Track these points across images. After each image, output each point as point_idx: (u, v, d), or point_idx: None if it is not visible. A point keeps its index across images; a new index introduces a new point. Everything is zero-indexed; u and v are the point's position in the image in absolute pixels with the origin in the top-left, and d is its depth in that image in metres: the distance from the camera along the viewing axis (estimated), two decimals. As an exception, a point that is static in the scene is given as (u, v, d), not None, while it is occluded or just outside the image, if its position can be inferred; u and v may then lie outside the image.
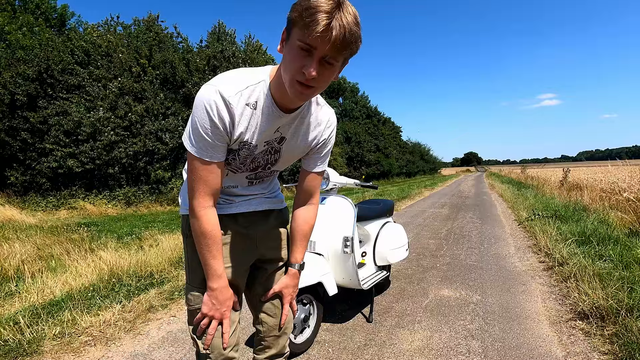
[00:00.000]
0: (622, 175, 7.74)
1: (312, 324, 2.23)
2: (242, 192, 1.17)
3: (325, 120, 1.13)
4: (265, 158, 1.10)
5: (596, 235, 4.18)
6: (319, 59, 0.85)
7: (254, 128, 1.00)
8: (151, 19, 14.38)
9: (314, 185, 1.23)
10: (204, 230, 1.02)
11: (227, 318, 1.09)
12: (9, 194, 10.65)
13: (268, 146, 1.07)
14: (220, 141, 0.97)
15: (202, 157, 0.97)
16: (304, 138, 1.11)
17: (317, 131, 1.12)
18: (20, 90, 10.53)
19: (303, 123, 1.09)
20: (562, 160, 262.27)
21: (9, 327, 2.36)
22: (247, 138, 1.01)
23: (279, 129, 1.05)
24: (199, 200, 1.01)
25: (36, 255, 4.40)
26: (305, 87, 0.89)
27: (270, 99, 0.99)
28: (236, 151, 1.04)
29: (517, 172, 25.68)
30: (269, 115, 1.00)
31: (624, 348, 1.99)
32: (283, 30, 0.92)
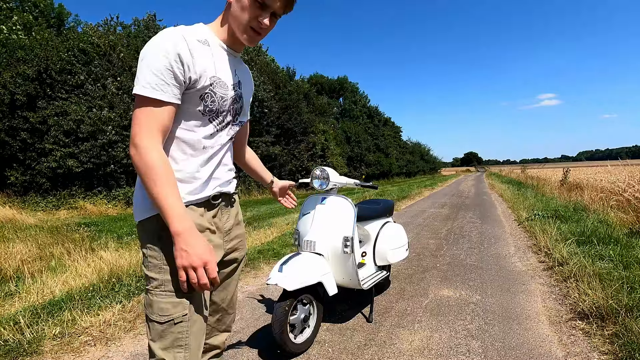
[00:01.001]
0: (622, 175, 7.74)
1: (312, 324, 2.23)
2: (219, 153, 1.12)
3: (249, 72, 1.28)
4: (234, 106, 1.15)
5: (596, 235, 4.18)
6: (270, 12, 1.04)
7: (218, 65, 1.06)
8: (150, 18, 14.38)
9: (247, 131, 1.43)
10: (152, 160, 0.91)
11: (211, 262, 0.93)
12: (9, 194, 10.65)
13: (234, 92, 1.13)
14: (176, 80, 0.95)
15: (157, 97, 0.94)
16: (249, 85, 1.25)
17: (251, 80, 1.28)
18: (20, 90, 10.52)
19: (246, 71, 1.24)
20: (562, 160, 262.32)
21: (9, 327, 2.36)
22: (215, 73, 1.04)
23: (236, 72, 1.15)
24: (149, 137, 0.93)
25: (36, 256, 4.40)
26: (256, 33, 1.07)
27: (216, 39, 1.10)
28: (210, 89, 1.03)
29: (517, 172, 25.68)
30: (222, 54, 1.10)
31: (624, 348, 1.99)
32: None
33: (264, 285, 3.38)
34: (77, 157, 10.69)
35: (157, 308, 0.97)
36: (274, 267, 2.08)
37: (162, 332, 0.96)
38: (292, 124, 17.44)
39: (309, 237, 2.34)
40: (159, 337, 0.97)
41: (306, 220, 2.42)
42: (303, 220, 2.45)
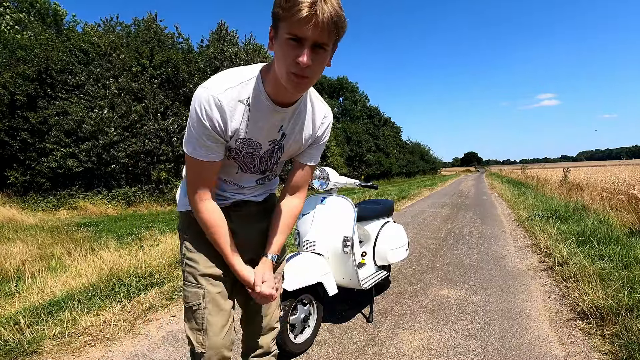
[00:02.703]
0: (622, 175, 7.74)
1: (312, 324, 2.23)
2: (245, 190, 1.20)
3: (322, 115, 1.15)
4: (271, 158, 1.14)
5: (596, 235, 4.18)
6: (310, 47, 0.86)
7: (252, 125, 1.02)
8: (150, 18, 14.38)
9: (306, 178, 1.25)
10: (207, 221, 1.07)
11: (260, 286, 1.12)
12: (9, 194, 10.65)
13: (272, 146, 1.10)
14: (211, 141, 1.00)
15: (195, 157, 1.01)
16: (302, 132, 1.12)
17: (314, 126, 1.14)
18: (20, 90, 10.52)
19: (300, 118, 1.10)
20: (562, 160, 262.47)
21: (9, 327, 2.36)
22: (245, 135, 1.03)
23: (282, 127, 1.07)
24: (197, 194, 1.06)
25: (36, 256, 4.40)
26: (300, 77, 0.90)
27: (264, 94, 1.00)
28: (236, 148, 1.06)
29: (517, 172, 25.68)
30: (265, 111, 1.01)
31: (624, 348, 1.99)
32: (270, 28, 0.93)
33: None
34: (77, 157, 10.70)
35: (183, 295, 1.14)
36: (274, 267, 2.08)
37: (187, 315, 1.13)
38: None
39: (309, 237, 2.34)
40: (187, 319, 1.13)
41: (306, 220, 2.42)
42: (303, 220, 2.45)
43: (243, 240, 1.19)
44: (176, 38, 15.32)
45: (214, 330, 1.10)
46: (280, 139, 1.10)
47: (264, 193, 1.28)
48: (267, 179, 1.23)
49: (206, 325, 1.10)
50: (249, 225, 1.23)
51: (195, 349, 1.10)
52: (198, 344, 1.10)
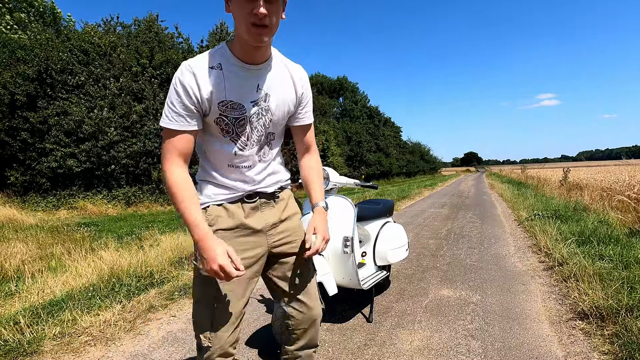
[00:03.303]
0: (622, 175, 7.74)
1: (312, 324, 2.23)
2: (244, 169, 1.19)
3: (297, 73, 1.21)
4: (260, 122, 1.15)
5: (596, 235, 4.18)
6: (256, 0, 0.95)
7: (228, 86, 1.08)
8: (151, 19, 14.38)
9: (311, 135, 1.35)
10: (172, 181, 1.07)
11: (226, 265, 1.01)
12: (9, 194, 10.66)
13: (257, 108, 1.13)
14: (184, 109, 1.06)
15: (170, 127, 1.07)
16: (284, 91, 1.17)
17: (295, 84, 1.20)
18: (20, 90, 10.52)
19: (281, 77, 1.16)
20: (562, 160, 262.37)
21: (9, 327, 2.36)
22: (225, 97, 1.07)
23: (259, 86, 1.12)
24: (169, 162, 1.09)
25: (36, 256, 4.40)
26: (260, 27, 0.98)
27: (233, 57, 1.08)
28: (221, 114, 1.09)
29: (517, 172, 25.68)
30: (238, 71, 1.08)
31: (624, 348, 1.99)
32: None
33: (264, 285, 3.37)
34: (77, 157, 10.70)
35: (193, 290, 1.17)
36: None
37: (196, 309, 1.15)
38: (291, 123, 17.46)
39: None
40: (195, 314, 1.16)
41: (306, 220, 2.42)
42: (303, 220, 2.45)
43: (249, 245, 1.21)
44: (176, 38, 15.32)
45: (221, 327, 1.13)
46: (264, 100, 1.13)
47: (273, 182, 1.26)
48: (265, 153, 1.22)
49: (214, 321, 1.13)
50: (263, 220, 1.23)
51: (202, 343, 1.13)
52: (205, 338, 1.13)
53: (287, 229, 1.28)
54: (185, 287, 3.29)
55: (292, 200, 1.35)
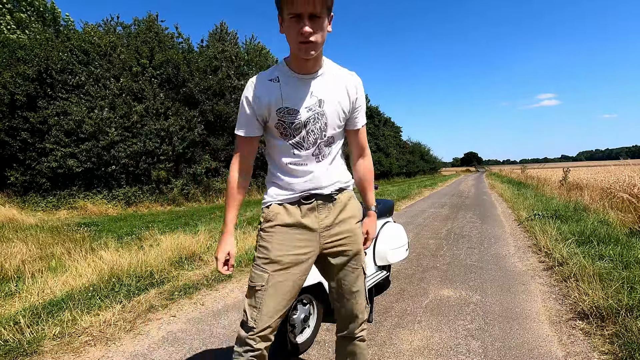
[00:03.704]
0: (622, 175, 7.74)
1: (312, 324, 2.23)
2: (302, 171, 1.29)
3: (350, 80, 1.32)
4: (316, 125, 1.26)
5: (596, 235, 4.18)
6: (307, 18, 1.09)
7: (285, 95, 1.23)
8: (151, 19, 14.37)
9: (363, 137, 1.42)
10: (227, 184, 1.34)
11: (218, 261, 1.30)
12: (9, 194, 10.65)
13: (312, 112, 1.25)
14: (246, 118, 1.27)
15: (238, 133, 1.30)
16: (338, 96, 1.28)
17: (348, 90, 1.31)
18: (20, 90, 10.52)
19: (334, 84, 1.28)
20: (562, 160, 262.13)
21: (9, 327, 2.36)
22: (282, 105, 1.23)
23: (313, 93, 1.24)
24: (233, 166, 1.34)
25: (36, 256, 4.40)
26: (307, 43, 1.12)
27: (289, 70, 1.24)
28: (279, 120, 1.24)
29: (517, 172, 25.68)
30: (293, 82, 1.23)
31: (624, 348, 1.99)
32: (278, 17, 1.17)
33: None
34: (77, 157, 10.70)
35: (250, 275, 1.30)
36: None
37: (249, 293, 1.28)
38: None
39: None
40: (248, 296, 1.29)
41: None
42: None
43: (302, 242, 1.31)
44: (176, 38, 15.33)
45: (267, 312, 1.25)
46: (318, 106, 1.25)
47: (331, 183, 1.32)
48: (322, 155, 1.30)
49: (262, 306, 1.25)
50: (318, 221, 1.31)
51: (248, 322, 1.26)
52: (252, 319, 1.25)
53: (341, 231, 1.35)
54: (185, 287, 3.29)
55: (352, 202, 1.39)
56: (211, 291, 3.28)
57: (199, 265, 4.06)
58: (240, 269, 3.89)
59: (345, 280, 1.38)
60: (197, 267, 3.96)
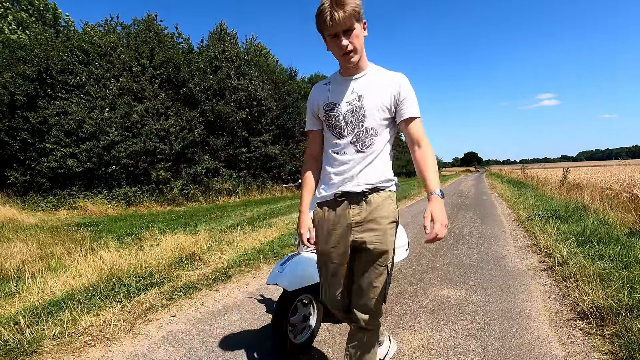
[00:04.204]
0: (621, 175, 7.74)
1: (312, 324, 2.23)
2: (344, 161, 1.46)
3: (392, 79, 1.47)
4: (354, 117, 1.45)
5: (596, 235, 4.18)
6: (342, 34, 1.34)
7: (331, 93, 1.50)
8: (150, 19, 14.37)
9: (417, 128, 1.46)
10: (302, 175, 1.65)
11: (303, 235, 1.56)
12: (9, 194, 10.66)
13: (351, 106, 1.45)
14: (311, 115, 1.58)
15: (306, 129, 1.63)
16: (378, 91, 1.45)
17: (389, 85, 1.45)
18: (20, 90, 10.52)
19: (376, 83, 1.46)
20: (562, 160, 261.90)
21: (9, 327, 2.36)
22: (328, 101, 1.49)
23: (354, 90, 1.46)
24: (305, 158, 1.67)
25: (37, 256, 4.40)
26: (347, 54, 1.37)
27: (339, 75, 1.51)
28: (325, 113, 1.50)
29: (517, 172, 25.67)
30: (339, 83, 1.50)
31: (624, 348, 1.99)
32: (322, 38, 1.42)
33: (264, 285, 3.38)
34: (77, 157, 10.70)
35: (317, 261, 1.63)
36: (274, 267, 2.08)
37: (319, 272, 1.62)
38: (291, 124, 17.44)
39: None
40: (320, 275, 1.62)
41: None
42: None
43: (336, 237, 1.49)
44: (176, 38, 15.32)
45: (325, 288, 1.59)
46: (357, 100, 1.45)
47: (365, 181, 1.44)
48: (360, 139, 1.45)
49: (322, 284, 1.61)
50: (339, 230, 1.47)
51: (320, 295, 1.63)
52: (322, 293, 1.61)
53: (372, 229, 1.44)
54: (185, 287, 3.29)
55: (386, 203, 1.46)
56: (211, 291, 3.28)
57: (199, 265, 4.06)
58: (240, 269, 3.89)
59: (369, 275, 1.47)
60: (197, 267, 3.96)
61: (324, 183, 1.53)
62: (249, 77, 15.32)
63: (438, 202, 1.33)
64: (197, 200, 12.64)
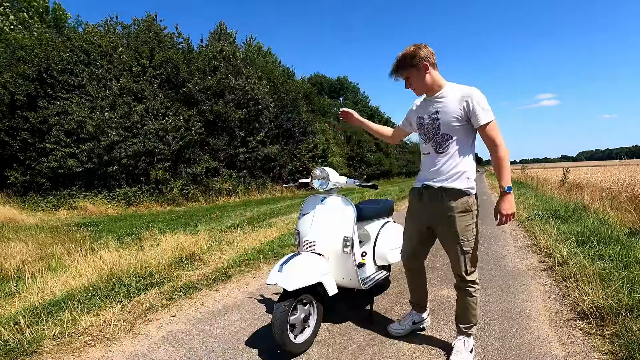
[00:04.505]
0: (621, 175, 7.73)
1: (312, 324, 2.23)
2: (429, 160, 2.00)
3: (460, 92, 1.90)
4: (433, 125, 1.97)
5: (596, 235, 4.18)
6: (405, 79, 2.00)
7: (417, 109, 2.12)
8: (150, 18, 14.37)
9: (489, 135, 1.86)
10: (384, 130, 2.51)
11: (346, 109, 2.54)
12: (9, 194, 10.65)
13: (430, 118, 1.98)
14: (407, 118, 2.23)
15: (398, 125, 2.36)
16: (452, 107, 1.89)
17: (460, 100, 1.88)
18: (20, 90, 10.52)
19: (450, 99, 1.91)
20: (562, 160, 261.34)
21: (9, 327, 2.36)
22: (418, 115, 2.07)
23: (432, 107, 1.98)
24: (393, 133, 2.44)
25: (36, 256, 4.40)
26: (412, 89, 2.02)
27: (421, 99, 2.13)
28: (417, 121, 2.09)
29: (517, 172, 25.67)
30: (425, 101, 2.06)
31: (624, 348, 1.99)
32: None
33: (264, 285, 3.38)
34: (77, 157, 10.69)
35: None
36: (274, 267, 2.08)
37: None
38: (290, 123, 17.43)
39: (309, 237, 2.34)
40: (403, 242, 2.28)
41: (306, 220, 2.43)
42: (303, 220, 2.45)
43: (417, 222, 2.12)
44: (176, 38, 15.32)
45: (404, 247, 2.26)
46: (435, 114, 1.95)
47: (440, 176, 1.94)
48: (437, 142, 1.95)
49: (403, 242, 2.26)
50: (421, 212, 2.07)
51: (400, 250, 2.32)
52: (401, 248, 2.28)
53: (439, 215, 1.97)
54: (185, 287, 3.29)
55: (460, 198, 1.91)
56: (211, 291, 3.28)
57: (199, 265, 4.06)
58: (240, 269, 3.89)
59: (449, 248, 2.01)
60: (197, 267, 3.96)
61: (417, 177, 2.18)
62: (245, 76, 15.28)
63: (503, 196, 1.83)
64: (197, 200, 12.64)
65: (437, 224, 1.99)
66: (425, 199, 2.01)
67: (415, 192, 2.10)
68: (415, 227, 2.10)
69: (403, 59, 1.91)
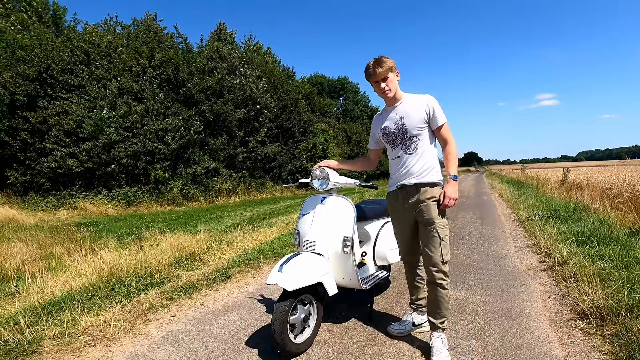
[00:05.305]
0: (621, 175, 7.73)
1: (312, 324, 2.23)
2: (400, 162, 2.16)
3: (419, 99, 2.14)
4: (400, 130, 2.13)
5: (596, 235, 4.18)
6: (380, 82, 2.10)
7: (378, 123, 2.28)
8: (149, 18, 14.37)
9: (443, 135, 2.13)
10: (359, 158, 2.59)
11: None
12: (9, 194, 10.65)
13: (395, 125, 2.15)
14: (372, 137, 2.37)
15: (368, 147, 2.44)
16: (415, 112, 2.10)
17: (420, 105, 2.11)
18: (20, 90, 10.52)
19: (409, 106, 2.13)
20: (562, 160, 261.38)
21: (9, 327, 2.36)
22: (382, 125, 2.21)
23: (395, 114, 2.16)
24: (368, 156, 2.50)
25: (36, 256, 4.40)
26: (384, 93, 2.12)
27: (385, 107, 2.25)
28: (384, 133, 2.21)
29: (517, 171, 25.67)
30: (385, 112, 2.24)
31: (624, 348, 1.99)
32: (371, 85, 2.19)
33: (264, 285, 3.38)
34: (77, 157, 10.69)
35: None
36: (274, 267, 2.08)
37: None
38: (290, 123, 17.42)
39: (309, 237, 2.34)
40: None
41: (306, 220, 2.42)
42: (303, 220, 2.45)
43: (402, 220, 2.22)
44: (176, 38, 15.32)
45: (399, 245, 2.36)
46: (400, 120, 2.13)
47: (413, 174, 2.11)
48: (406, 145, 2.13)
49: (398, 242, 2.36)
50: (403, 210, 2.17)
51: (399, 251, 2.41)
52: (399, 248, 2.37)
53: (421, 207, 2.09)
54: (185, 287, 3.29)
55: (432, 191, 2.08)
56: (211, 291, 3.28)
57: (199, 265, 4.06)
58: (240, 269, 3.89)
59: (423, 237, 2.10)
60: (197, 267, 3.96)
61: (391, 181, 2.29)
62: (243, 76, 15.27)
63: (450, 182, 2.05)
64: (197, 200, 12.64)
65: (417, 215, 2.11)
66: (402, 197, 2.15)
67: (391, 195, 2.24)
68: (404, 225, 2.21)
69: (387, 61, 2.06)
